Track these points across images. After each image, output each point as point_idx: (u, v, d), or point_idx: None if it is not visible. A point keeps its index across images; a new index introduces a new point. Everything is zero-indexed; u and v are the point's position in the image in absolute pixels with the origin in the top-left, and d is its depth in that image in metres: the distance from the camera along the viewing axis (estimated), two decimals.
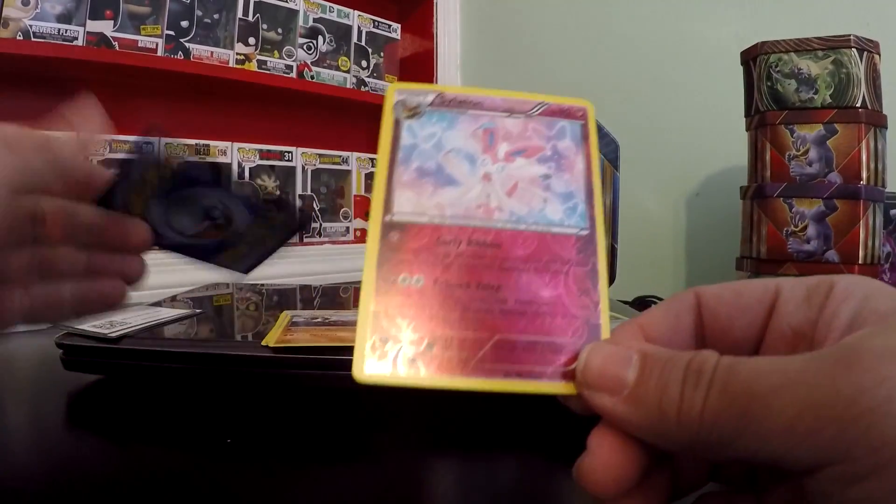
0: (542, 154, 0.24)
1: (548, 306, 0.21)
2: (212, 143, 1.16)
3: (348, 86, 1.35)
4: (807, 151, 0.73)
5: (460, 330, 0.20)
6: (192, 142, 1.13)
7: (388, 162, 0.22)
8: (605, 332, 0.21)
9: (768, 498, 0.20)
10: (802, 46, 0.74)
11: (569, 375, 0.20)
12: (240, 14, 1.16)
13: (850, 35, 0.72)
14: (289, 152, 1.28)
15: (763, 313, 0.21)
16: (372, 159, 1.41)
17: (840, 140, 0.72)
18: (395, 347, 0.20)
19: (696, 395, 0.17)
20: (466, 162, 0.23)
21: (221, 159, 1.18)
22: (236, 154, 1.20)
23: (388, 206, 0.22)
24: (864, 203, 0.70)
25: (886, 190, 0.74)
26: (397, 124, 0.23)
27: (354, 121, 1.48)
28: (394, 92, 0.24)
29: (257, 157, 1.23)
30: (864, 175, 0.71)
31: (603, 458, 0.19)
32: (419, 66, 1.51)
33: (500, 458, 0.36)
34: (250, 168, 1.22)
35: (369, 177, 1.42)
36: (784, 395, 0.16)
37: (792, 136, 0.74)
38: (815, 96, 0.73)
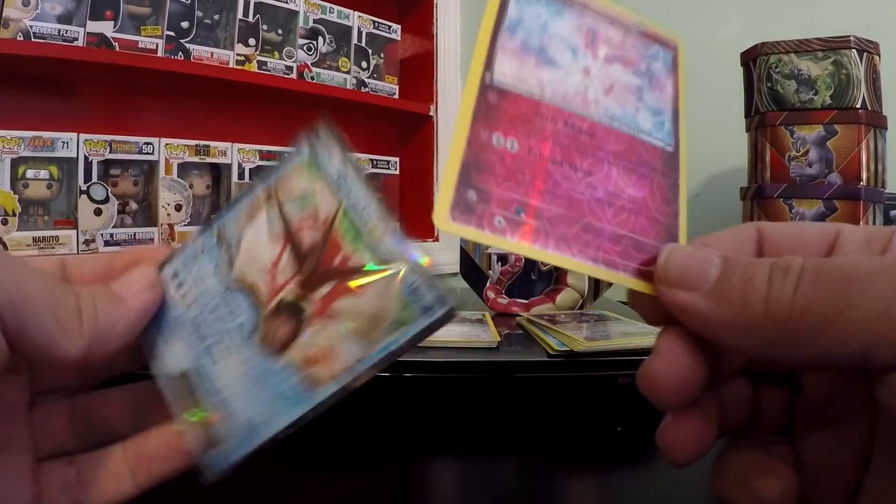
0: (637, 68, 0.24)
1: (633, 204, 0.21)
2: (212, 143, 1.16)
3: (348, 87, 1.35)
4: (807, 152, 0.73)
5: (550, 203, 0.20)
6: (193, 142, 1.13)
7: (493, 24, 0.21)
8: (682, 242, 0.22)
9: (804, 445, 0.20)
10: (802, 47, 0.74)
11: (647, 275, 0.20)
12: (240, 15, 1.16)
13: (849, 36, 0.72)
14: (289, 153, 1.28)
15: (824, 250, 0.21)
16: (373, 160, 1.42)
17: (840, 141, 0.72)
18: (482, 204, 0.19)
19: (785, 284, 0.16)
20: (569, 50, 0.23)
21: (221, 160, 1.18)
22: (236, 155, 1.20)
23: (489, 65, 0.21)
24: (863, 204, 0.70)
25: (886, 191, 0.74)
26: None
27: (355, 122, 1.48)
28: None
29: (257, 157, 1.23)
30: (864, 176, 0.71)
31: (671, 360, 0.19)
32: (419, 67, 1.51)
33: (500, 460, 0.36)
34: (250, 169, 1.22)
35: (369, 177, 1.42)
36: (881, 278, 0.15)
37: (792, 137, 0.74)
38: (815, 97, 0.73)
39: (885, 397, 0.16)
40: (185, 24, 1.10)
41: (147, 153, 1.07)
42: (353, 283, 0.21)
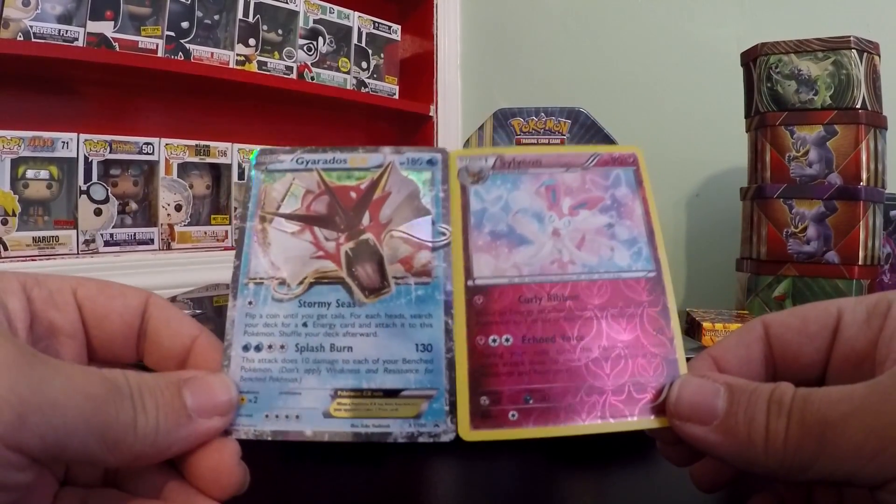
0: (603, 204, 0.25)
1: (629, 349, 0.23)
2: (212, 143, 1.16)
3: (348, 87, 1.35)
4: (807, 152, 0.73)
5: (552, 381, 0.22)
6: (193, 143, 1.13)
7: (462, 228, 0.24)
8: (682, 367, 0.23)
9: None
10: (802, 47, 0.74)
11: (656, 410, 0.22)
12: (240, 15, 1.16)
13: (850, 36, 0.72)
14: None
15: (828, 338, 0.22)
16: None
17: (840, 141, 0.72)
18: (495, 405, 0.22)
19: (779, 424, 0.19)
20: (535, 221, 0.25)
21: (221, 160, 1.18)
22: (236, 155, 1.20)
23: (468, 271, 0.23)
24: (863, 204, 0.70)
25: (886, 191, 0.74)
26: (464, 190, 0.25)
27: (354, 122, 1.48)
28: (456, 159, 0.25)
29: None
30: (864, 176, 0.71)
31: None
32: (419, 67, 1.51)
33: (500, 459, 0.36)
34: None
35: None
36: (852, 421, 0.18)
37: (792, 137, 0.74)
38: (815, 97, 0.73)
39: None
40: (185, 25, 1.10)
41: (147, 153, 1.07)
42: (376, 194, 0.24)
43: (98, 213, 1.03)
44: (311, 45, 1.29)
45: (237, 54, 1.17)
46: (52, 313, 0.21)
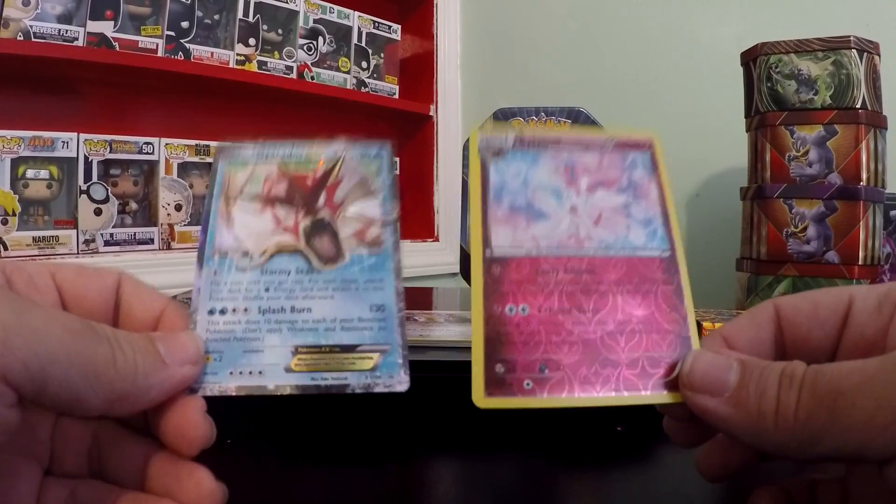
0: (620, 185, 0.26)
1: (643, 324, 0.23)
2: (212, 143, 1.16)
3: (348, 87, 1.35)
4: (807, 152, 0.73)
5: (568, 352, 0.22)
6: (193, 142, 1.13)
7: (481, 200, 0.25)
8: (695, 344, 0.23)
9: None
10: (802, 47, 0.74)
11: (669, 385, 0.22)
12: (240, 15, 1.16)
13: (850, 36, 0.72)
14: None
15: (838, 323, 0.23)
16: None
17: (840, 141, 0.72)
18: (510, 373, 0.22)
19: (790, 396, 0.19)
20: (553, 196, 0.25)
21: None
22: None
23: (486, 241, 0.24)
24: (863, 204, 0.70)
25: (886, 191, 0.74)
26: (484, 165, 0.25)
27: (354, 122, 1.48)
28: (478, 136, 0.26)
29: None
30: (864, 176, 0.71)
31: None
32: (419, 67, 1.51)
33: (500, 460, 0.36)
34: None
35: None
36: (864, 392, 0.18)
37: (792, 137, 0.74)
38: (815, 97, 0.73)
39: (887, 482, 0.18)
40: (185, 24, 1.10)
41: (147, 153, 1.07)
42: (331, 181, 0.26)
43: (98, 212, 1.03)
44: (311, 45, 1.29)
45: (237, 54, 1.17)
46: (33, 293, 0.21)
